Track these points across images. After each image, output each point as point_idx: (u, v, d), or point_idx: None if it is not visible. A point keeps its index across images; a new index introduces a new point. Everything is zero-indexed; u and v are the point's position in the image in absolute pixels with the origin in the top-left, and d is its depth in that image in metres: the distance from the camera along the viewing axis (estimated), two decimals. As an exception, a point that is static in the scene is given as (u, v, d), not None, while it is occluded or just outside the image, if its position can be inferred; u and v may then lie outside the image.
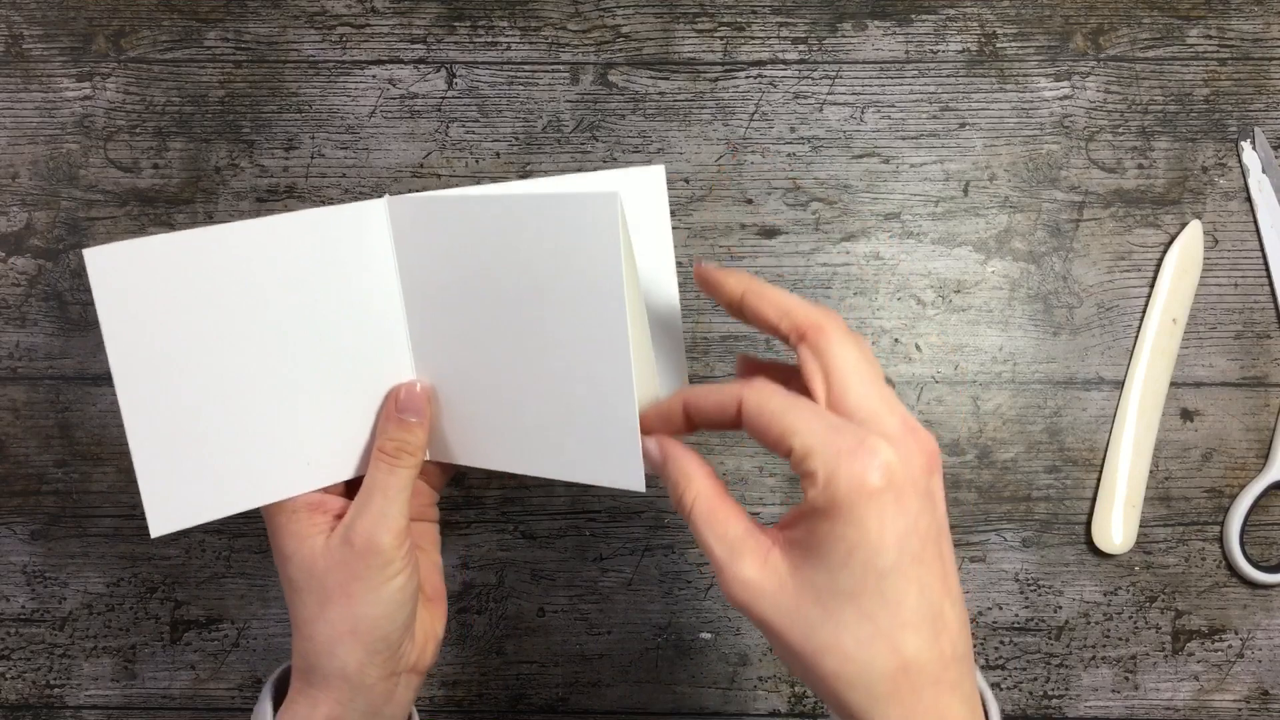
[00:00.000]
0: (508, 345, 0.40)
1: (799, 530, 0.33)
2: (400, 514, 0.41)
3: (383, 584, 0.40)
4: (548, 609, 0.59)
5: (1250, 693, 0.59)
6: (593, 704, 0.59)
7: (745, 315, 0.38)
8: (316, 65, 0.61)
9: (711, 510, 0.35)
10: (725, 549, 0.34)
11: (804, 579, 0.33)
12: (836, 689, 0.33)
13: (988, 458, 0.59)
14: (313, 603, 0.41)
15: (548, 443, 0.40)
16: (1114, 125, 0.60)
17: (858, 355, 0.35)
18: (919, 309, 0.60)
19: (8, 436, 0.59)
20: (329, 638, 0.41)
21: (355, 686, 0.41)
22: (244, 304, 0.39)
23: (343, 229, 0.41)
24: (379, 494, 0.41)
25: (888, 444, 0.32)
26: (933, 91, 0.60)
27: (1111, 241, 0.60)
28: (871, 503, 0.32)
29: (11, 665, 0.59)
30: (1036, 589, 0.59)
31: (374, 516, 0.41)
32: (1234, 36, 0.60)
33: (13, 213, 0.60)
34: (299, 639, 0.42)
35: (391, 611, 0.41)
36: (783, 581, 0.33)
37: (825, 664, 0.33)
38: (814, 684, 0.34)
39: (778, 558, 0.34)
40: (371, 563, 0.40)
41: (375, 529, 0.40)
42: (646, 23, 0.61)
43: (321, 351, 0.41)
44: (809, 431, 0.33)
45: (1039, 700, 0.59)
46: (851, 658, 0.32)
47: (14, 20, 0.61)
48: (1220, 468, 0.59)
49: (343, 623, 0.41)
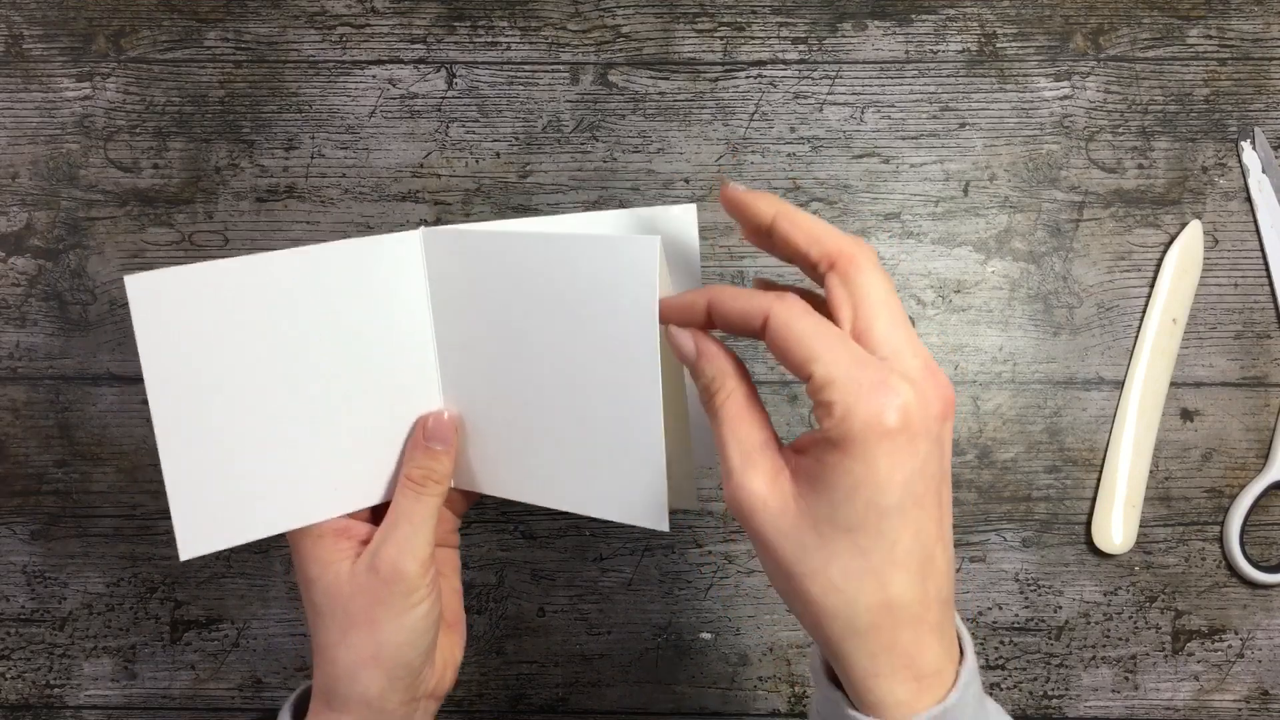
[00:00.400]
0: (537, 379, 0.40)
1: (808, 459, 0.33)
2: (426, 542, 0.41)
3: (406, 611, 0.40)
4: (548, 609, 0.59)
5: (1250, 693, 0.59)
6: (593, 704, 0.59)
7: (774, 242, 0.37)
8: (316, 65, 0.61)
9: (739, 413, 0.35)
10: (741, 455, 0.34)
11: (806, 505, 0.33)
12: (817, 616, 0.33)
13: (988, 458, 0.59)
14: (336, 628, 0.41)
15: (572, 478, 0.41)
16: (1114, 125, 0.60)
17: (887, 290, 0.34)
18: (919, 309, 0.60)
19: (8, 436, 0.59)
20: (351, 663, 0.41)
21: (376, 711, 0.41)
22: (279, 331, 0.40)
23: (378, 259, 0.41)
24: (405, 521, 0.41)
25: (908, 384, 0.32)
26: (933, 91, 0.60)
27: (1111, 241, 0.60)
28: (884, 442, 0.32)
29: (11, 665, 0.59)
30: (1036, 589, 0.59)
31: (400, 543, 0.41)
32: (1234, 36, 0.60)
33: (13, 213, 0.60)
34: (321, 662, 0.42)
35: (414, 639, 0.41)
36: (785, 503, 0.33)
37: (809, 589, 0.33)
38: (796, 606, 0.34)
39: (786, 479, 0.34)
40: (396, 589, 0.40)
41: (401, 556, 0.40)
42: (646, 23, 0.61)
43: (352, 379, 0.42)
44: (833, 361, 0.32)
45: (1039, 700, 0.59)
46: (837, 588, 0.33)
47: (14, 20, 0.61)
48: (1220, 468, 0.59)
49: (365, 649, 0.41)
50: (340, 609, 0.41)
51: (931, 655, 0.34)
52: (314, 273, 0.40)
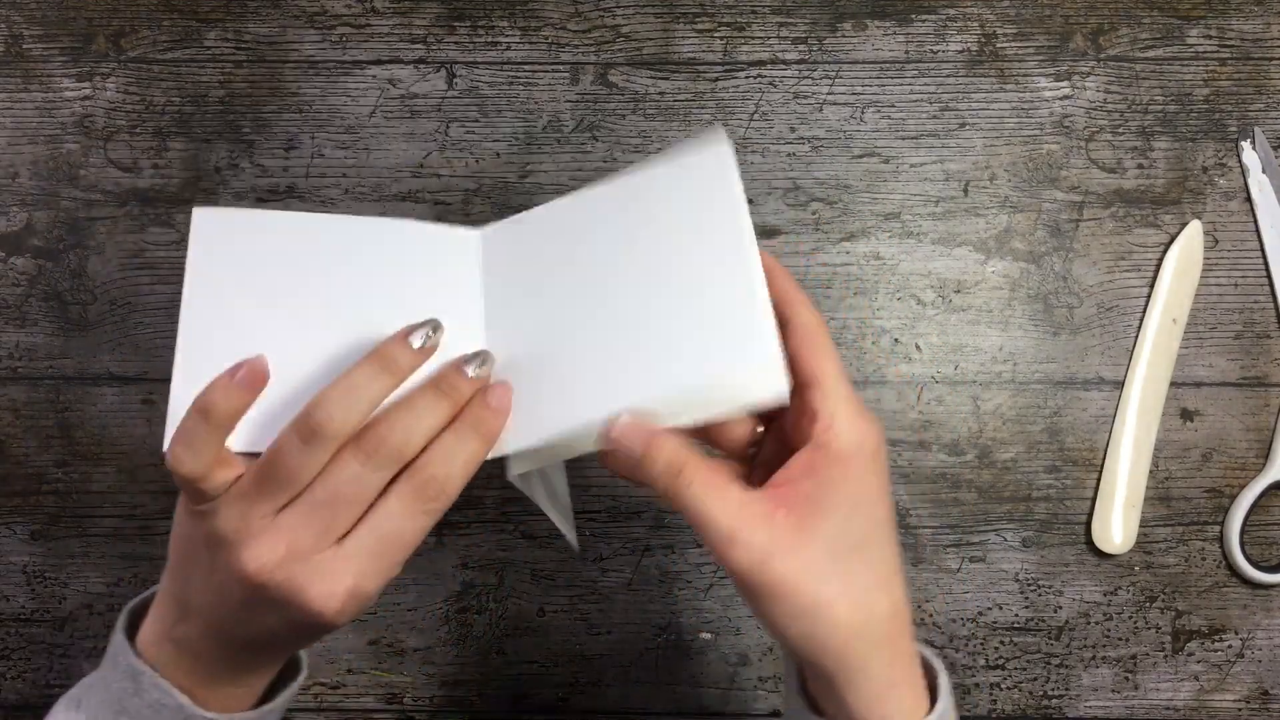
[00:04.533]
0: (612, 308, 0.40)
1: (805, 485, 0.35)
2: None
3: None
4: (548, 609, 0.59)
5: (1250, 693, 0.59)
6: (593, 704, 0.59)
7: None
8: (316, 65, 0.60)
9: (708, 482, 0.35)
10: (730, 519, 0.34)
11: (813, 532, 0.34)
12: (845, 638, 0.34)
13: (988, 458, 0.59)
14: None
15: (665, 381, 0.38)
16: (1114, 125, 0.60)
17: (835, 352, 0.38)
18: (919, 309, 0.60)
19: (8, 436, 0.59)
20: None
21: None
22: (322, 291, 0.40)
23: (435, 247, 0.42)
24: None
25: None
26: (933, 91, 0.60)
27: (1111, 241, 0.60)
28: (873, 461, 0.35)
29: (11, 665, 0.59)
30: (1036, 589, 0.59)
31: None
32: (1234, 36, 0.60)
33: (13, 213, 0.60)
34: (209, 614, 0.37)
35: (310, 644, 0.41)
36: (794, 539, 0.34)
37: (837, 613, 0.34)
38: (817, 641, 0.35)
39: (783, 517, 0.35)
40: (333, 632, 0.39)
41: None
42: (646, 23, 0.61)
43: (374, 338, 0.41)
44: (837, 384, 0.36)
45: (1039, 700, 0.59)
46: (861, 604, 0.34)
47: (14, 20, 0.61)
48: (1220, 468, 0.59)
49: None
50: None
51: (915, 654, 0.37)
52: (368, 243, 0.41)
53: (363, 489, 0.35)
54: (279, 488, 0.35)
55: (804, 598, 0.34)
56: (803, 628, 0.34)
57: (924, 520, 0.59)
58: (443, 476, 0.36)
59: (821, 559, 0.34)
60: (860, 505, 0.35)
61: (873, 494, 0.35)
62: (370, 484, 0.35)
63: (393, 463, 0.35)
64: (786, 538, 0.34)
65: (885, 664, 0.35)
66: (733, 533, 0.34)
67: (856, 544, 0.35)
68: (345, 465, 0.35)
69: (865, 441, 0.35)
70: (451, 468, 0.36)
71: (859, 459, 0.35)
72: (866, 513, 0.35)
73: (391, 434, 0.35)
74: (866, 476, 0.35)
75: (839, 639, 0.34)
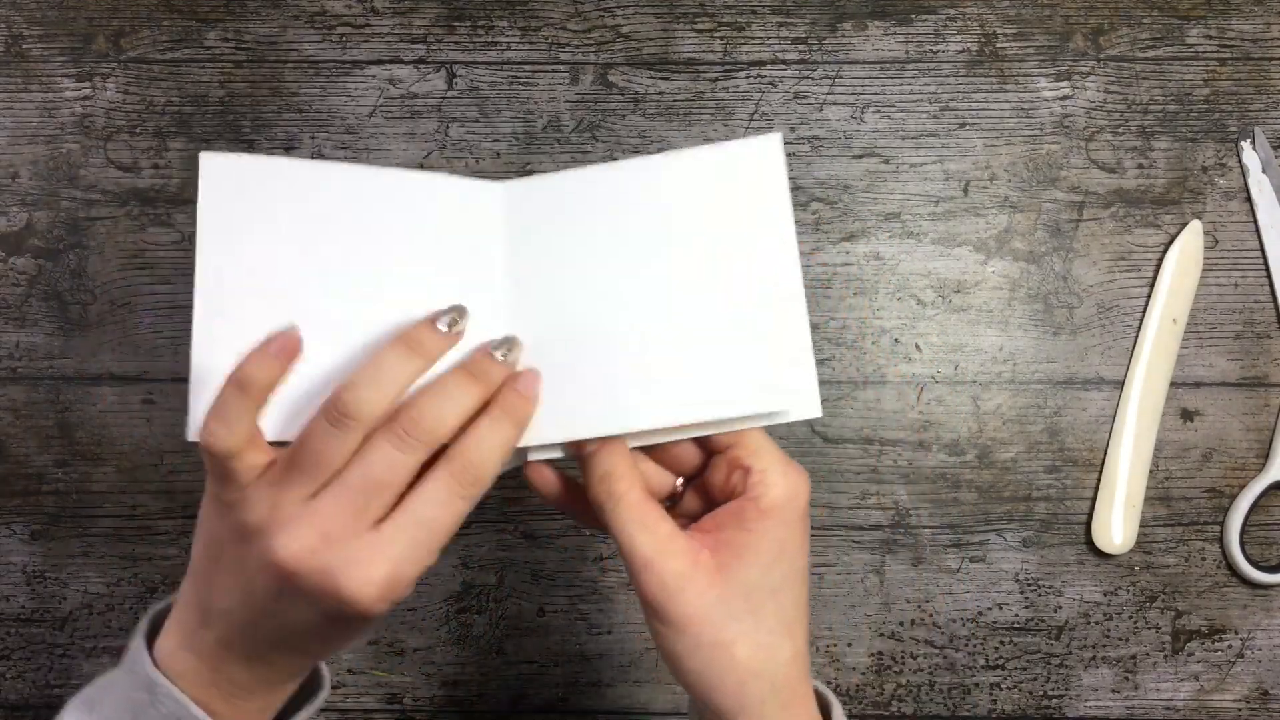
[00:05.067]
0: (643, 300, 0.39)
1: (731, 532, 0.36)
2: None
3: (358, 640, 0.39)
4: (548, 609, 0.59)
5: (1250, 693, 0.59)
6: (593, 704, 0.59)
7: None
8: (316, 65, 0.61)
9: (643, 504, 0.37)
10: (654, 544, 0.36)
11: (732, 576, 0.36)
12: (742, 678, 0.36)
13: (988, 458, 0.59)
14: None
15: (694, 389, 0.38)
16: (1114, 125, 0.60)
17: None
18: (919, 309, 0.60)
19: (8, 436, 0.59)
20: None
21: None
22: (336, 244, 0.39)
23: (456, 200, 0.40)
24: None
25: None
26: (933, 91, 0.60)
27: (1111, 241, 0.60)
28: (801, 516, 0.37)
29: (11, 665, 0.59)
30: (1036, 589, 0.59)
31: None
32: (1234, 36, 0.60)
33: (13, 213, 0.60)
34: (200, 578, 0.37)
35: (340, 650, 0.40)
36: (711, 577, 0.36)
37: (737, 653, 0.35)
38: (712, 676, 0.36)
39: (707, 558, 0.36)
40: (367, 631, 0.39)
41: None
42: (646, 23, 0.61)
43: (403, 311, 0.39)
44: (765, 446, 0.38)
45: (1039, 700, 0.59)
46: (763, 645, 0.36)
47: (14, 20, 0.61)
48: (1220, 468, 0.59)
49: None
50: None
51: (814, 699, 0.38)
52: (386, 196, 0.39)
53: (397, 472, 0.34)
54: (310, 473, 0.34)
55: (707, 633, 0.35)
56: (700, 662, 0.36)
57: (924, 520, 0.59)
58: (479, 461, 0.36)
59: (735, 600, 0.36)
60: (782, 556, 0.36)
61: (796, 546, 0.37)
62: (404, 466, 0.35)
63: (426, 445, 0.35)
64: (703, 576, 0.36)
65: (781, 706, 0.36)
66: (650, 560, 0.35)
67: (773, 589, 0.36)
68: (378, 448, 0.34)
69: (795, 496, 0.37)
70: (487, 452, 0.36)
71: (788, 512, 0.36)
72: (787, 563, 0.37)
73: (424, 416, 0.35)
74: (793, 530, 0.37)
75: (735, 678, 0.36)
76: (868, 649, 0.59)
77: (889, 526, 0.59)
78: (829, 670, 0.59)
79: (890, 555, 0.59)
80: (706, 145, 0.40)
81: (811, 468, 0.59)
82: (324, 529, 0.34)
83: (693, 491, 0.40)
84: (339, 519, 0.34)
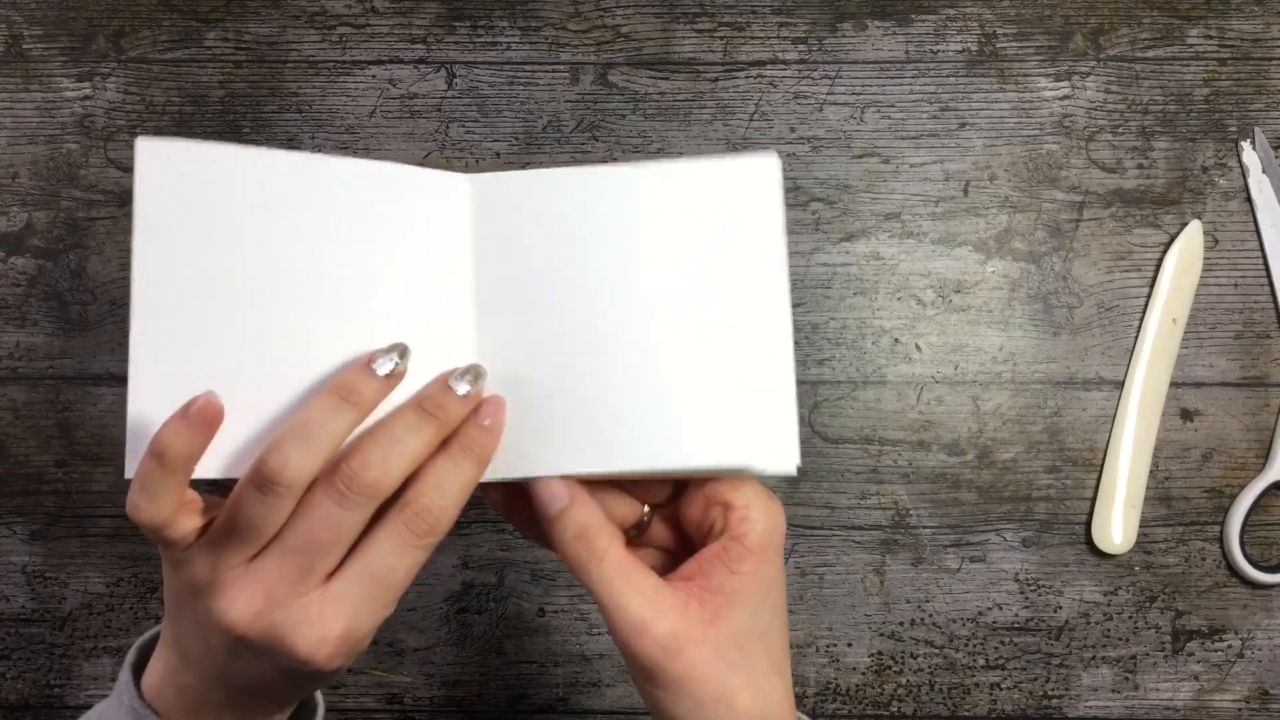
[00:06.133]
0: (618, 328, 0.36)
1: (718, 577, 0.34)
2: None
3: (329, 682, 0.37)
4: (548, 609, 0.59)
5: (1250, 693, 0.59)
6: (593, 704, 0.59)
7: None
8: (316, 65, 0.61)
9: (626, 560, 0.34)
10: (645, 603, 0.34)
11: (724, 624, 0.34)
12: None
13: (988, 458, 0.59)
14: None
15: (671, 431, 0.35)
16: (1114, 125, 0.60)
17: None
18: (919, 309, 0.60)
19: (8, 436, 0.59)
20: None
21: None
22: (292, 248, 0.35)
23: (420, 194, 0.37)
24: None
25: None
26: (933, 91, 0.60)
27: (1111, 241, 0.60)
28: (780, 549, 0.36)
29: (11, 665, 0.59)
30: (1036, 589, 0.59)
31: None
32: (1234, 36, 0.60)
33: (13, 213, 0.60)
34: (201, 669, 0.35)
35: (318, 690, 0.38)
36: (705, 630, 0.34)
37: (739, 703, 0.34)
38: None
39: (695, 607, 0.34)
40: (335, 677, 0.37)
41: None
42: (646, 23, 0.61)
43: (358, 318, 0.35)
44: (749, 483, 0.36)
45: (1039, 700, 0.59)
46: (760, 692, 0.34)
47: (14, 20, 0.61)
48: (1220, 468, 0.59)
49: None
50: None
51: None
52: (345, 188, 0.36)
53: (340, 530, 0.32)
54: (246, 539, 0.32)
55: (710, 690, 0.34)
56: (705, 719, 0.34)
57: (924, 520, 0.59)
58: (436, 508, 0.33)
59: (729, 650, 0.34)
60: (769, 595, 0.35)
61: (779, 583, 0.36)
62: (348, 523, 0.32)
63: (370, 499, 0.32)
64: (698, 631, 0.34)
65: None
66: (644, 622, 0.33)
67: (763, 632, 0.35)
68: (318, 506, 0.32)
69: (776, 530, 0.35)
70: (445, 498, 0.33)
71: (770, 549, 0.35)
72: (773, 602, 0.35)
73: (368, 468, 0.32)
74: (776, 566, 0.35)
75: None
76: (868, 649, 0.59)
77: (889, 526, 0.59)
78: (829, 670, 0.59)
79: (890, 555, 0.59)
80: (696, 159, 0.37)
81: (811, 468, 0.59)
82: (267, 590, 0.32)
83: (661, 520, 0.38)
84: (283, 581, 0.32)
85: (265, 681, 0.34)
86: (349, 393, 0.33)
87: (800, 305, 0.59)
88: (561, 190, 0.37)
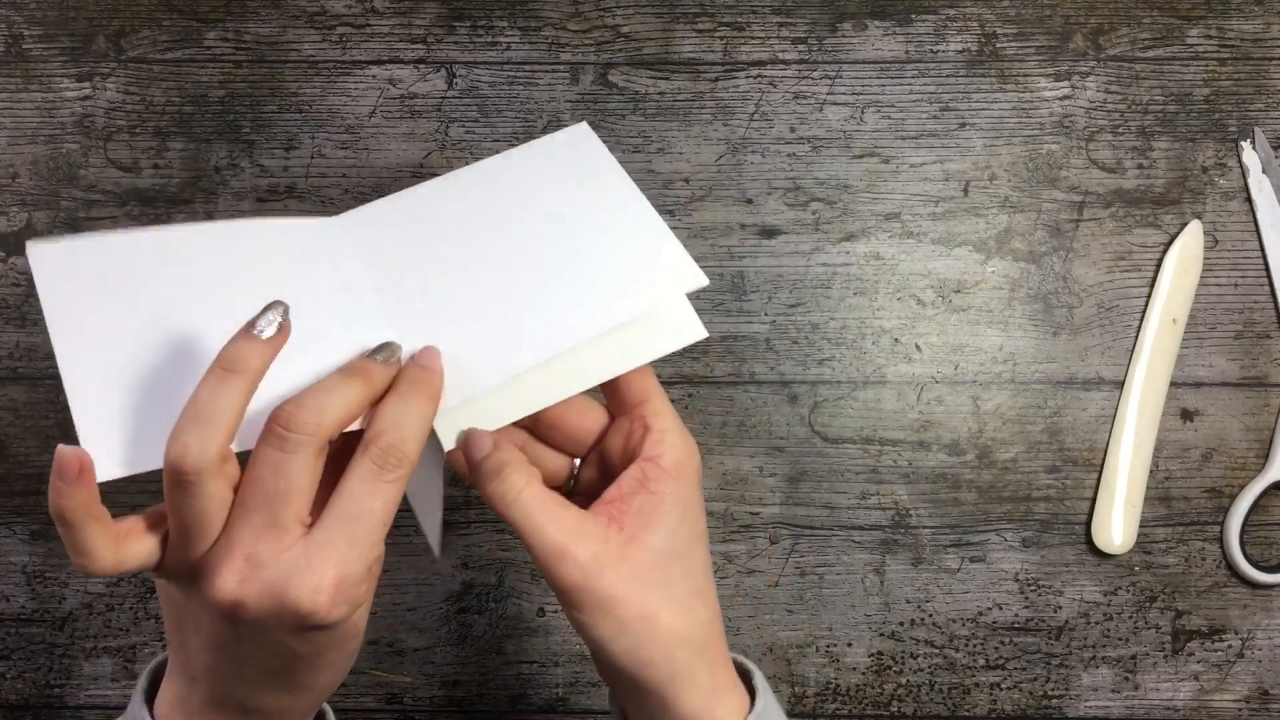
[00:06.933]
0: (511, 258, 0.40)
1: (637, 499, 0.37)
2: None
3: (347, 660, 0.37)
4: (548, 609, 0.59)
5: (1250, 693, 0.59)
6: (593, 704, 0.59)
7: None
8: (316, 65, 0.61)
9: (544, 494, 0.36)
10: (563, 531, 0.35)
11: (641, 546, 0.36)
12: (669, 646, 0.36)
13: (988, 458, 0.59)
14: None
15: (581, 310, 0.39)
16: (1114, 125, 0.60)
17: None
18: (919, 309, 0.60)
19: (8, 436, 0.59)
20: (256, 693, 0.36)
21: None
22: (187, 304, 0.38)
23: (295, 241, 0.40)
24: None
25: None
26: (933, 91, 0.60)
27: (1111, 241, 0.60)
28: (698, 478, 0.38)
29: (11, 665, 0.59)
30: (1036, 589, 0.59)
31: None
32: (1234, 36, 0.60)
33: (13, 213, 0.60)
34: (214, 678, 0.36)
35: (337, 680, 0.38)
36: (622, 553, 0.36)
37: (664, 621, 0.36)
38: (644, 652, 0.36)
39: (616, 533, 0.36)
40: (349, 645, 0.37)
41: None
42: (646, 23, 0.61)
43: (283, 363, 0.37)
44: (667, 409, 0.39)
45: (1039, 700, 0.59)
46: (682, 611, 0.36)
47: (14, 20, 0.61)
48: (1220, 468, 0.59)
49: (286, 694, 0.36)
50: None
51: (731, 661, 0.38)
52: (223, 249, 0.39)
53: (290, 476, 0.33)
54: (196, 533, 0.33)
55: (631, 608, 0.35)
56: (629, 641, 0.35)
57: (924, 520, 0.59)
58: (397, 439, 0.34)
59: (648, 570, 0.36)
60: (686, 517, 0.37)
61: (696, 508, 0.38)
62: (295, 467, 0.33)
63: (310, 438, 0.33)
64: (616, 553, 0.35)
65: (708, 670, 0.36)
66: (564, 549, 0.35)
67: (679, 553, 0.36)
68: (263, 457, 0.33)
69: (693, 456, 0.38)
70: (403, 430, 0.34)
71: (688, 472, 0.37)
72: (690, 525, 0.37)
73: (300, 409, 0.33)
74: (694, 490, 0.37)
75: (663, 647, 0.36)
76: (868, 649, 0.59)
77: (889, 526, 0.59)
78: (829, 670, 0.59)
79: (890, 555, 0.59)
80: (522, 145, 0.43)
81: (811, 467, 0.59)
82: (246, 554, 0.32)
83: (589, 466, 0.41)
84: (258, 540, 0.33)
85: (279, 661, 0.34)
86: (232, 363, 0.33)
87: (800, 305, 0.59)
88: (424, 195, 0.42)
